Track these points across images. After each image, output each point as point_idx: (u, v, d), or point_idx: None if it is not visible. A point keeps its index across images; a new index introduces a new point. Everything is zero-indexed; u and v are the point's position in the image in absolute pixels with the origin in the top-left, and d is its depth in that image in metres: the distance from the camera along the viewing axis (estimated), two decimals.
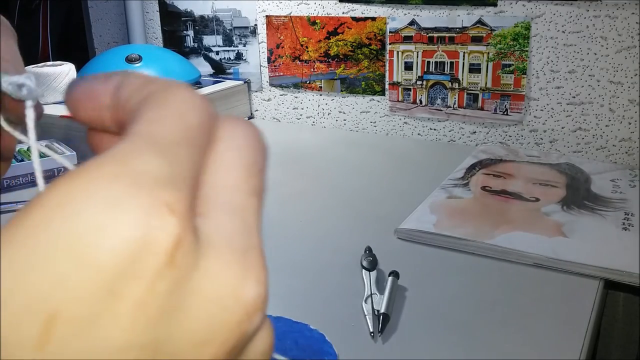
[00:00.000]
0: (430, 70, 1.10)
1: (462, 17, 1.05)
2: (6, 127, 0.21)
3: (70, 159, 0.96)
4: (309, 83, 1.23)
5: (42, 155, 0.20)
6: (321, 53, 1.19)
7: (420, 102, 1.12)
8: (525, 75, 1.02)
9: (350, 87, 1.19)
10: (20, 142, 0.22)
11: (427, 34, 1.08)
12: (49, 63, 1.14)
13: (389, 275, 0.60)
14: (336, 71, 1.19)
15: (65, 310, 0.13)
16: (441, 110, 1.11)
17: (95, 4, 1.35)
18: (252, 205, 0.18)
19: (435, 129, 1.13)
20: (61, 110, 1.05)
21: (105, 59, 1.21)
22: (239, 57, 1.30)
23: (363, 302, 0.58)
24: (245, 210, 0.18)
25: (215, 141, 0.18)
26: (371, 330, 0.54)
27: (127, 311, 0.14)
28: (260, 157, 0.19)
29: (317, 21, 1.18)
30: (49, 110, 1.06)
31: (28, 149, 0.74)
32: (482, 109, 1.07)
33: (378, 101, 1.17)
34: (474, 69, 1.06)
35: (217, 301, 0.15)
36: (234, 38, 1.29)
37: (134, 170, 0.15)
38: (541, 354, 0.51)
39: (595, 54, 0.97)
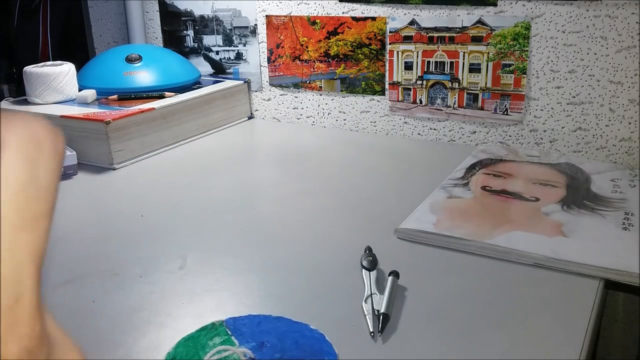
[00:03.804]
0: (430, 70, 1.10)
1: (462, 17, 1.05)
2: None
3: (70, 159, 0.96)
4: (309, 83, 1.23)
5: None
6: (321, 53, 1.19)
7: (420, 102, 1.12)
8: (525, 75, 1.02)
9: (350, 87, 1.19)
10: None
11: (427, 33, 1.08)
12: (49, 63, 1.14)
13: (389, 275, 0.60)
14: (336, 71, 1.19)
15: None
16: (441, 110, 1.11)
17: (95, 4, 1.35)
18: (24, 241, 0.15)
19: (435, 129, 1.13)
20: (61, 110, 1.05)
21: (105, 59, 1.21)
22: (239, 57, 1.30)
23: (363, 302, 0.58)
24: (14, 249, 0.15)
25: None
26: (371, 330, 0.54)
27: None
28: (43, 170, 0.16)
29: (317, 21, 1.18)
30: (49, 110, 1.06)
31: None
32: (482, 108, 1.07)
33: (378, 101, 1.17)
34: (474, 68, 1.06)
35: None
36: (234, 38, 1.29)
37: None
38: (541, 354, 0.51)
39: (595, 53, 0.97)
